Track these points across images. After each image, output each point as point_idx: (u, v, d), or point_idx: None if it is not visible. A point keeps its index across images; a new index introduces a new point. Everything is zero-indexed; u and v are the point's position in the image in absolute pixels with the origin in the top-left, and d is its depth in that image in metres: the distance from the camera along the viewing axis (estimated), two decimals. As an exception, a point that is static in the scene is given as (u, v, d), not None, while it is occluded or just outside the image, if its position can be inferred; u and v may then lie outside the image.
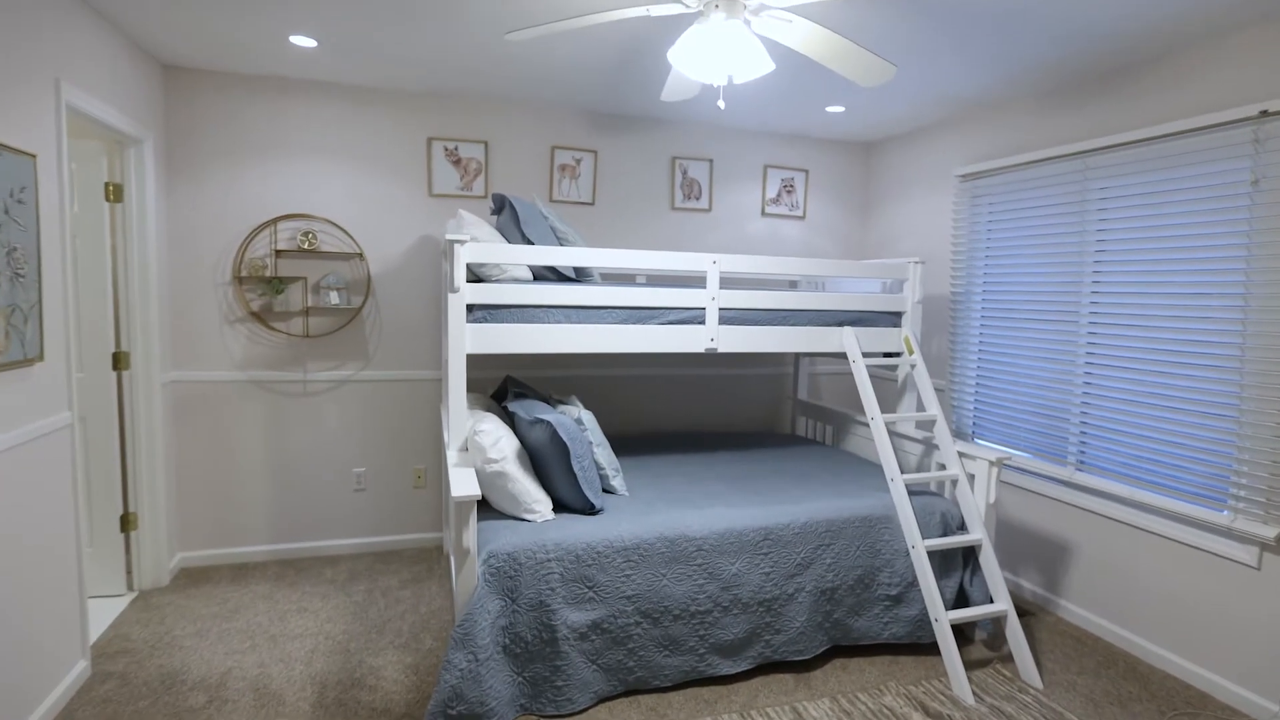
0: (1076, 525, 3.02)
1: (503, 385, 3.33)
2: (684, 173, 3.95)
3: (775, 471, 3.15)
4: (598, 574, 2.33)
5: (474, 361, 3.74)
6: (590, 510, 2.52)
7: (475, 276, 2.83)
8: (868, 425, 3.52)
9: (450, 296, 2.52)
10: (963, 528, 2.79)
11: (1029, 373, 3.25)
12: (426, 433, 3.68)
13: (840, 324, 3.09)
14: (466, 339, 2.56)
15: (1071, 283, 3.03)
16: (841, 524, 2.63)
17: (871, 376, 4.30)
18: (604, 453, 2.75)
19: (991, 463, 2.72)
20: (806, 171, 4.20)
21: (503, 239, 2.92)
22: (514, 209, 2.83)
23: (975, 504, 2.75)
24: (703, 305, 2.85)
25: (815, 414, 3.97)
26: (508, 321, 2.61)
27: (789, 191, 4.17)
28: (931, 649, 2.75)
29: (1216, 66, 2.50)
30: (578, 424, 2.70)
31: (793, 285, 4.09)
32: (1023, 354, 3.28)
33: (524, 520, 2.43)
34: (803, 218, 4.24)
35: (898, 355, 3.24)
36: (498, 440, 2.41)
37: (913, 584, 2.66)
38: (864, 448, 3.55)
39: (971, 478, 2.84)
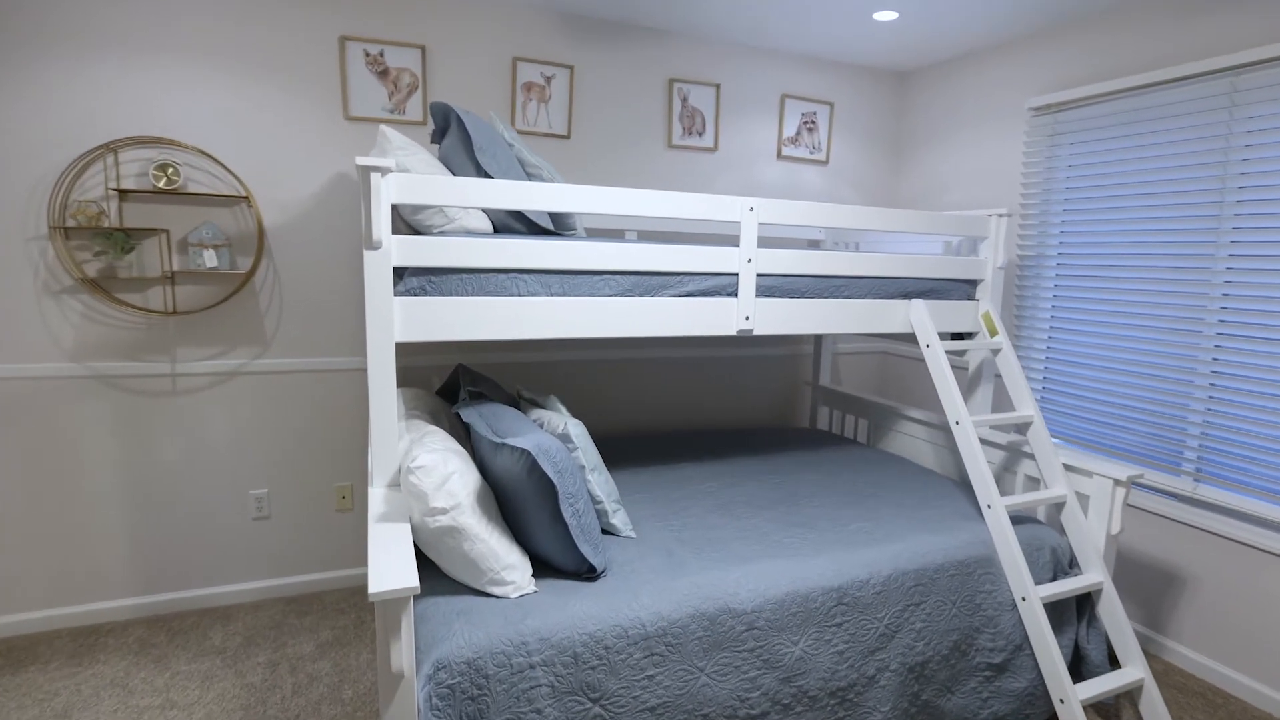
0: (1193, 550, 2.40)
1: (454, 376, 2.47)
2: (684, 100, 3.09)
3: (821, 490, 2.40)
4: (606, 679, 1.54)
5: (412, 346, 2.84)
6: (589, 574, 1.72)
7: (409, 227, 1.94)
8: (912, 421, 2.81)
9: (368, 255, 1.63)
10: (1073, 565, 2.12)
11: (1124, 356, 2.58)
12: (352, 438, 2.78)
13: (906, 295, 2.33)
14: (395, 321, 1.69)
15: (1200, 242, 2.34)
16: (934, 573, 1.91)
17: (920, 363, 3.62)
18: (600, 479, 1.94)
19: (1118, 481, 2.04)
20: (831, 105, 3.39)
21: (447, 171, 2.03)
22: (464, 128, 1.94)
23: (1094, 535, 2.08)
24: (735, 270, 2.04)
25: (841, 404, 3.24)
26: (457, 293, 1.75)
27: (810, 129, 3.36)
28: (1039, 728, 2.10)
29: None
30: (564, 442, 1.88)
31: (814, 246, 3.31)
32: (1115, 333, 2.60)
33: (490, 596, 1.61)
34: (825, 162, 3.44)
35: (970, 336, 2.52)
36: (446, 479, 1.56)
37: (1020, 647, 1.98)
38: (911, 449, 2.84)
39: (1084, 499, 2.17)
